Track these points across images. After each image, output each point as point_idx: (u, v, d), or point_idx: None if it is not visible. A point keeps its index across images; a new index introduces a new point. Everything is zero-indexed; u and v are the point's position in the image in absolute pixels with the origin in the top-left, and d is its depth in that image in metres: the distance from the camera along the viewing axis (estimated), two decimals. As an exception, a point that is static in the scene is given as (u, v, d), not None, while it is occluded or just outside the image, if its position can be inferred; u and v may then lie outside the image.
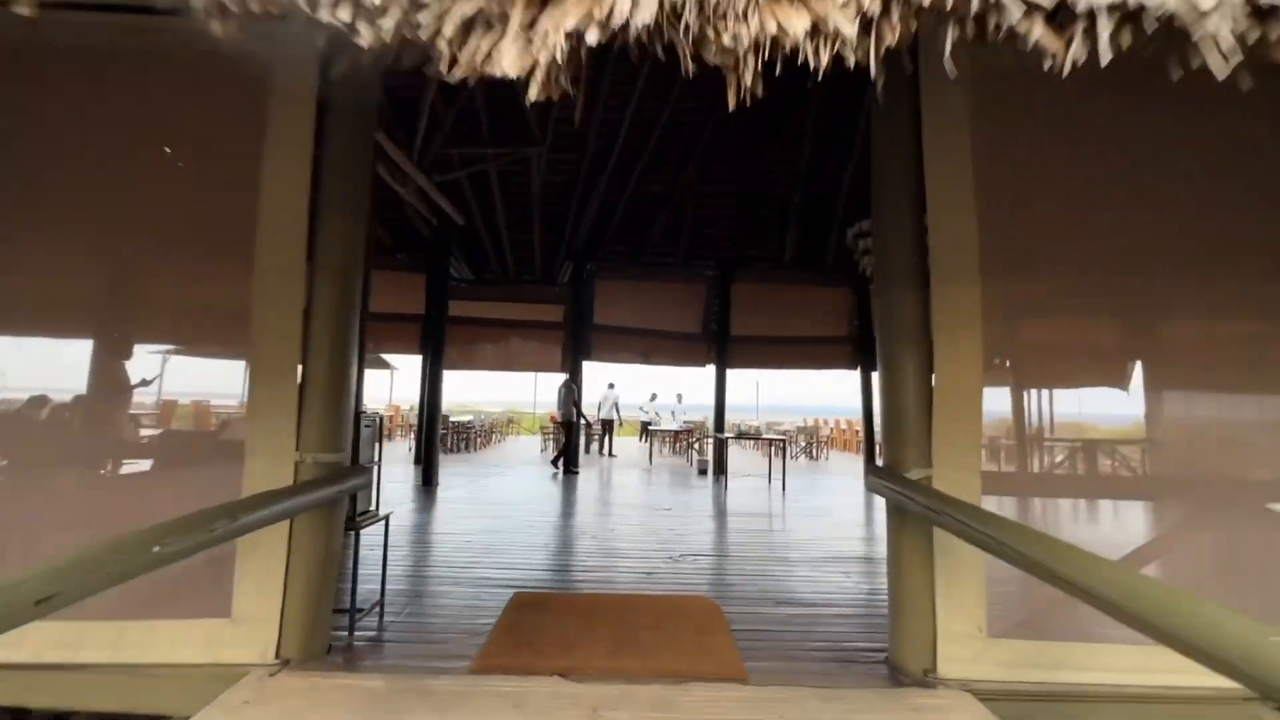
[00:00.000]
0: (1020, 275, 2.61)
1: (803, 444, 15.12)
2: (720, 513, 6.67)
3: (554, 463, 10.23)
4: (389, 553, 3.19)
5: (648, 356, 10.95)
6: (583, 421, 10.41)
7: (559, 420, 10.41)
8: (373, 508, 3.08)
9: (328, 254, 2.70)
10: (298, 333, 2.60)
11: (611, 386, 12.23)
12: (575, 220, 10.24)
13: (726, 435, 9.07)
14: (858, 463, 14.00)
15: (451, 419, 13.45)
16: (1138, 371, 2.70)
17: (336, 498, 2.58)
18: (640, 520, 6.04)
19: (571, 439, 10.17)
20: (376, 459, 3.12)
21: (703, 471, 10.47)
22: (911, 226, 2.71)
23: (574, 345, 10.65)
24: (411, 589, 3.52)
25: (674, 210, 10.48)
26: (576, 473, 9.80)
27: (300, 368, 2.64)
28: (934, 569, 2.58)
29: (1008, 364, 2.76)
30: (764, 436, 8.80)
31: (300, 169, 2.64)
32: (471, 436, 13.70)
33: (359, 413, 2.91)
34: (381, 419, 3.15)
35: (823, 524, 6.16)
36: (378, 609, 3.09)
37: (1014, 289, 2.61)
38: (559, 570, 4.13)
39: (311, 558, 2.55)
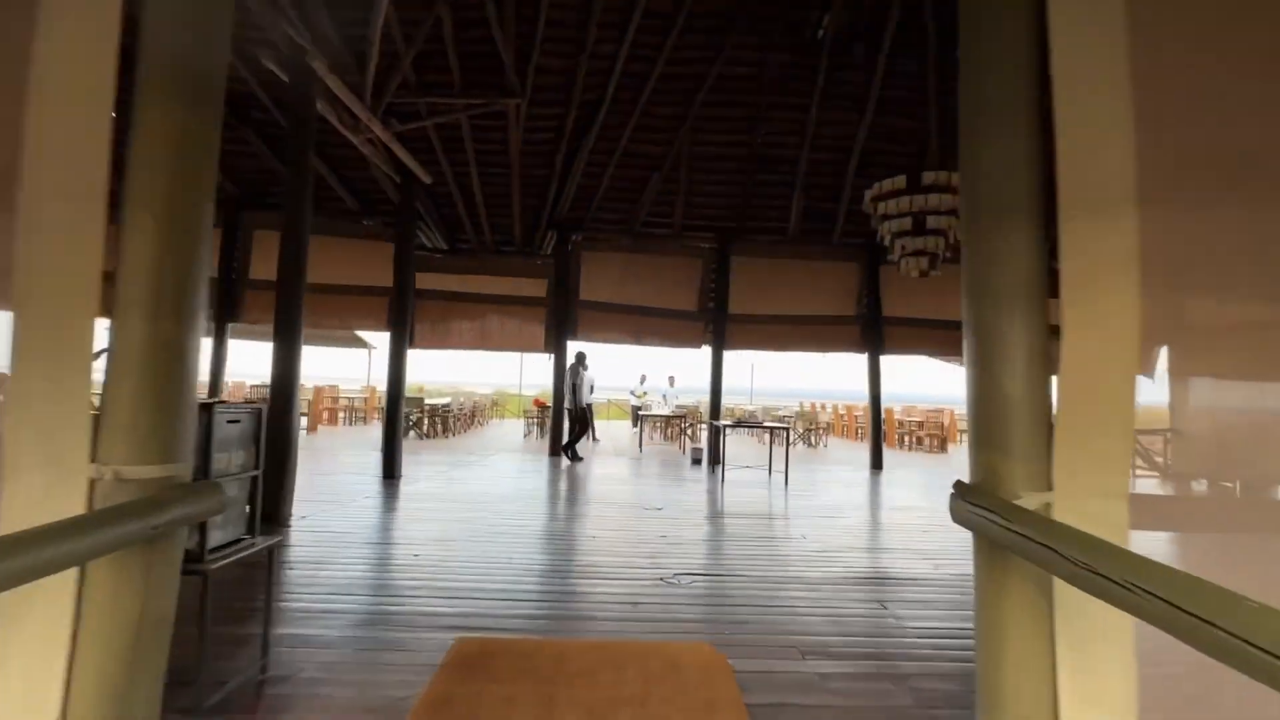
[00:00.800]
0: (1206, 200, 1.75)
1: (800, 430, 14.37)
2: (718, 514, 5.87)
3: (566, 452, 9.45)
4: (319, 572, 2.33)
5: (639, 337, 10.07)
6: (570, 408, 9.71)
7: (567, 407, 9.68)
8: (247, 535, 2.20)
9: (148, 164, 1.79)
10: (94, 285, 1.70)
11: (586, 368, 11.38)
12: (559, 184, 9.27)
13: (725, 423, 8.27)
14: (859, 451, 13.27)
15: (427, 402, 12.57)
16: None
17: (155, 533, 1.70)
18: (626, 524, 5.22)
19: (575, 426, 9.57)
20: (255, 467, 2.24)
21: (697, 461, 9.69)
22: (1022, 130, 1.83)
23: (558, 323, 9.75)
24: (320, 634, 2.67)
25: (668, 175, 9.53)
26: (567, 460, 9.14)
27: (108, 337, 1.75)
28: (1054, 639, 1.75)
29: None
30: (765, 425, 8.02)
31: (101, 25, 1.71)
32: (450, 420, 12.82)
33: (212, 403, 2.02)
34: (261, 411, 2.27)
35: (837, 528, 5.37)
36: (257, 675, 2.24)
37: (1194, 221, 1.76)
38: (522, 598, 3.29)
39: (116, 621, 1.68)
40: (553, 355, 9.92)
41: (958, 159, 2.01)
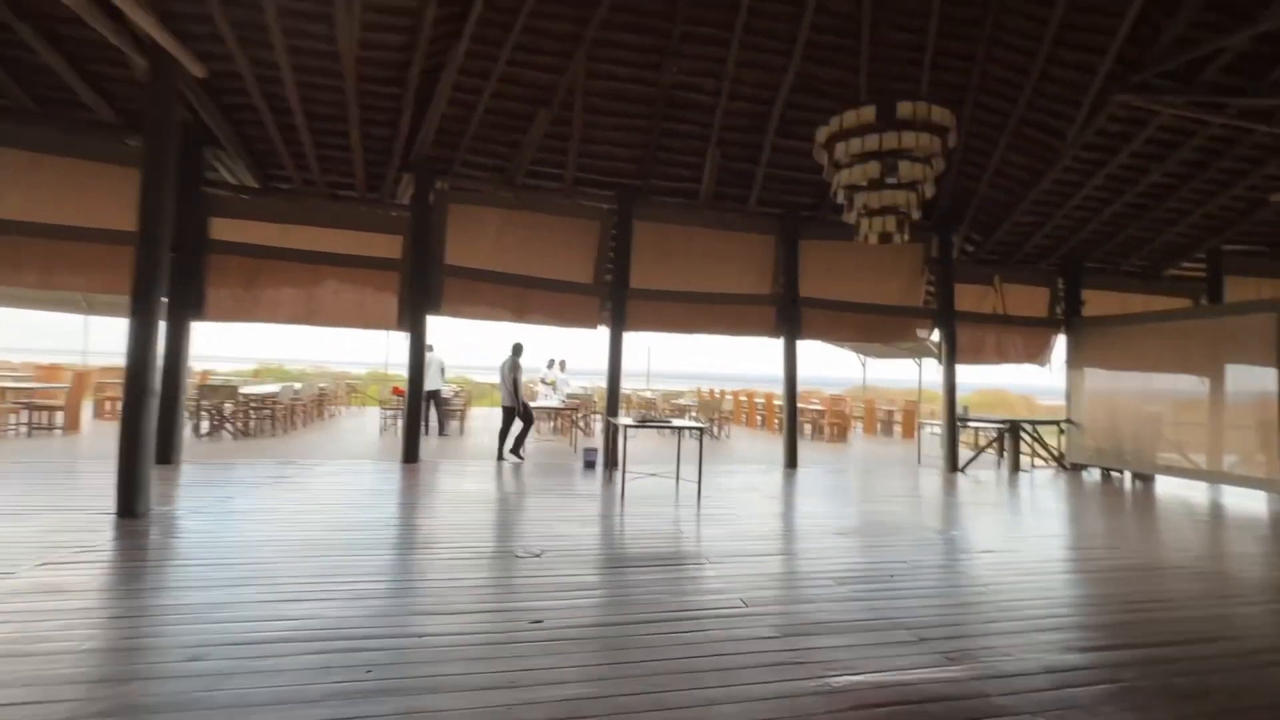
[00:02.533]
0: None
1: (704, 422, 13.17)
2: (619, 560, 4.26)
3: (514, 451, 8.53)
4: None
5: (521, 314, 8.16)
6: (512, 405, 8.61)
7: (506, 404, 8.64)
8: None
9: None
10: None
11: (430, 349, 9.31)
12: (415, 110, 7.07)
13: (626, 422, 6.69)
14: (765, 444, 12.32)
15: (244, 390, 9.80)
16: None
17: None
18: (484, 596, 3.46)
19: (524, 423, 8.64)
20: None
21: (590, 464, 8.05)
22: None
23: (416, 294, 7.62)
24: None
25: (559, 114, 7.65)
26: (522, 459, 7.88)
27: None
28: None
29: None
30: (674, 425, 6.56)
31: None
32: (276, 414, 10.12)
33: None
34: None
35: (784, 583, 3.96)
36: None
37: None
38: None
39: None
40: (410, 334, 7.78)
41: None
